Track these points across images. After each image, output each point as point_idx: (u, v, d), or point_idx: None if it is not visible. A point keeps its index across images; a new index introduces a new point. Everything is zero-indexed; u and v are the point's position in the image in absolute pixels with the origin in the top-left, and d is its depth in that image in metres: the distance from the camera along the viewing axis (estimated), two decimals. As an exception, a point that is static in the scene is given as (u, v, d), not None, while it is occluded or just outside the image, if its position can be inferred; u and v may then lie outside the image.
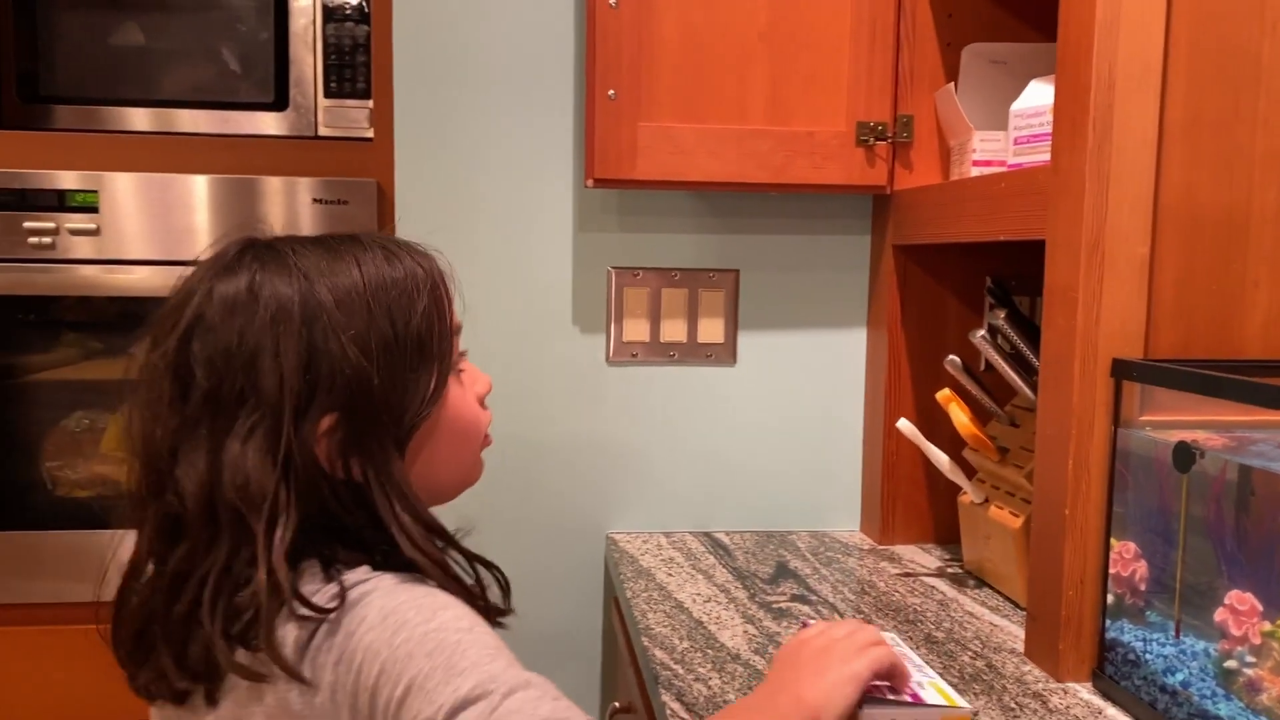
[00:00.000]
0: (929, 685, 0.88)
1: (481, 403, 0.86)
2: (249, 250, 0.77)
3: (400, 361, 0.75)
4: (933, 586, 1.34)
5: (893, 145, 1.44)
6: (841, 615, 1.23)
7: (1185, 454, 0.93)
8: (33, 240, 1.66)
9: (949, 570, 1.40)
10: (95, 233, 1.68)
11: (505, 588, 0.83)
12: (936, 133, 1.47)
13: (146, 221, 1.69)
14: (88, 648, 1.67)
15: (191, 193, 1.69)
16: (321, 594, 0.70)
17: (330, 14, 1.86)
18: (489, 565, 0.83)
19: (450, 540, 0.80)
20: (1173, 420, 1.00)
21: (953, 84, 1.40)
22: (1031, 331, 1.23)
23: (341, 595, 0.70)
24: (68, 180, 1.67)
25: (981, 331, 1.26)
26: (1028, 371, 1.25)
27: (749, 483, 1.58)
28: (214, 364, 0.72)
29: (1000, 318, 1.25)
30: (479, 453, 0.86)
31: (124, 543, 0.78)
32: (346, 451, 0.74)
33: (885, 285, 1.51)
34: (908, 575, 1.38)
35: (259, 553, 0.69)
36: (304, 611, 0.69)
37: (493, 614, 0.79)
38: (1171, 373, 0.95)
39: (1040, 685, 1.04)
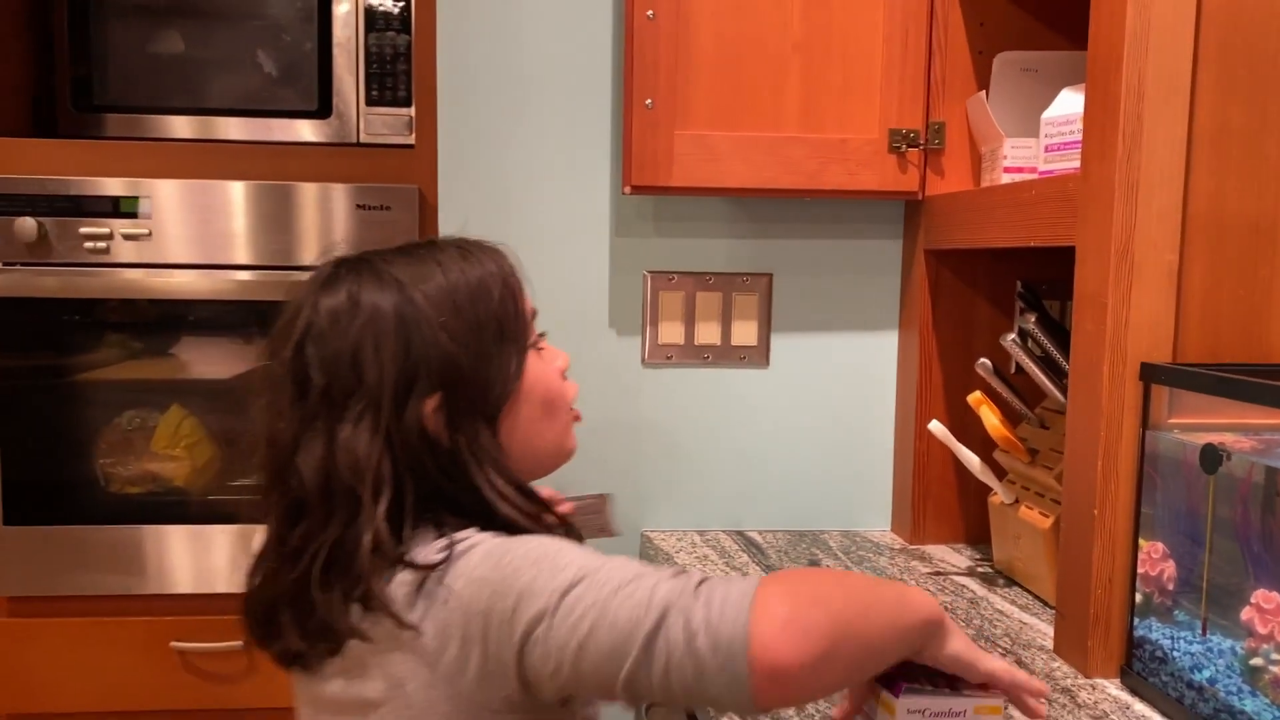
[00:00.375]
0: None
1: (563, 376, 0.93)
2: (343, 266, 0.86)
3: (485, 344, 0.84)
4: (963, 585, 1.36)
5: (924, 152, 1.47)
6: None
7: (1212, 456, 0.95)
8: (88, 245, 1.71)
9: (979, 569, 1.42)
10: (147, 237, 1.73)
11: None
12: (968, 139, 1.49)
13: (192, 227, 1.74)
14: (138, 638, 1.74)
15: (238, 199, 1.74)
16: (430, 549, 0.77)
17: (372, 24, 1.90)
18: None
19: (544, 504, 0.86)
20: (1201, 423, 1.02)
21: (984, 91, 1.42)
22: (1061, 335, 1.25)
23: (449, 548, 0.77)
24: (121, 187, 1.73)
25: (1012, 335, 1.29)
26: (1058, 374, 1.27)
27: (782, 482, 1.61)
28: (326, 365, 0.81)
29: (1030, 321, 1.28)
30: (568, 423, 0.93)
31: (257, 536, 0.87)
32: (449, 426, 0.82)
33: (917, 289, 1.53)
34: (938, 574, 1.41)
35: (364, 521, 0.77)
36: (416, 563, 0.76)
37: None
38: (1197, 376, 0.97)
39: (1069, 681, 1.06)
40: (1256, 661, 0.91)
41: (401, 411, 0.80)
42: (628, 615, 0.68)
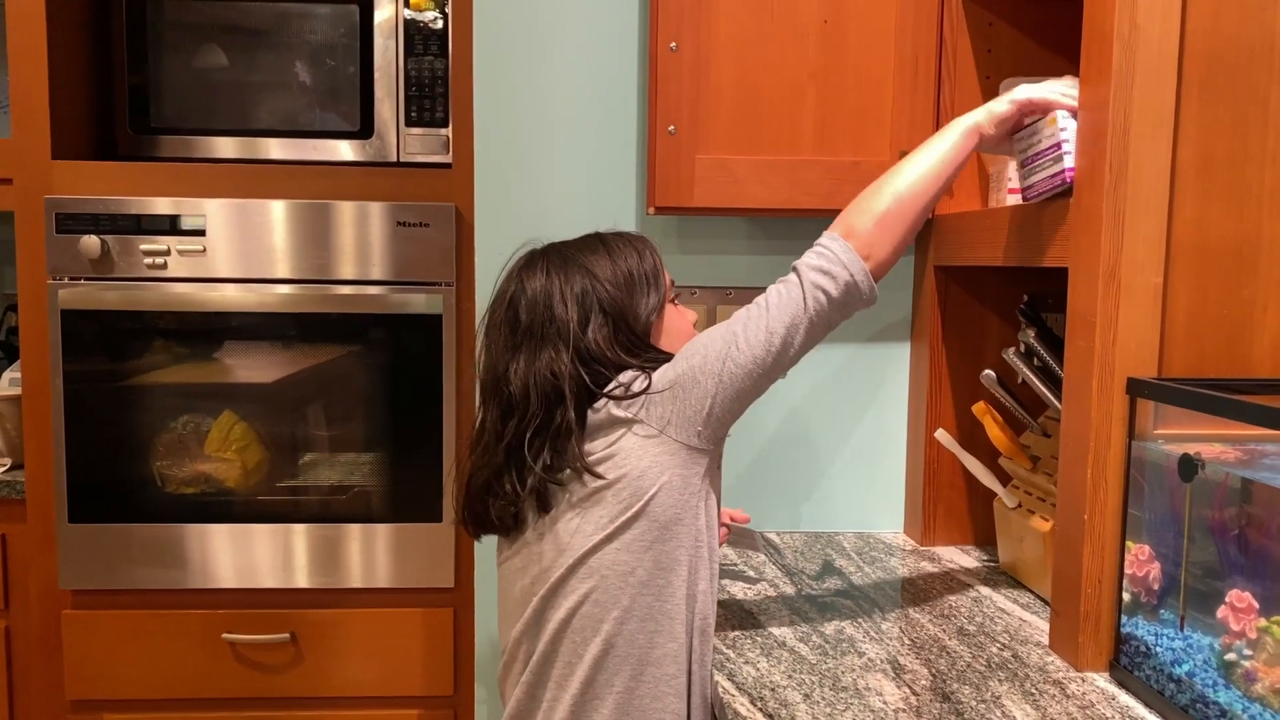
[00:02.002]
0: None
1: (693, 325, 1.28)
2: (537, 253, 1.23)
3: (637, 290, 1.20)
4: (969, 584, 1.44)
5: (934, 173, 1.54)
6: (882, 611, 1.34)
7: (1189, 465, 1.02)
8: (147, 261, 1.83)
9: (985, 570, 1.50)
10: (202, 253, 1.84)
11: None
12: (977, 161, 1.57)
13: (246, 243, 1.85)
14: (192, 630, 1.85)
15: (286, 217, 1.85)
16: (618, 383, 1.13)
17: (411, 48, 2.01)
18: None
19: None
20: (1185, 434, 1.09)
21: (990, 117, 1.49)
22: (1060, 349, 1.32)
23: (633, 377, 1.13)
24: (177, 206, 1.84)
25: (1013, 349, 1.36)
26: (1057, 386, 1.35)
27: (799, 487, 1.69)
28: (529, 310, 1.17)
29: (1031, 336, 1.35)
30: None
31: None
32: (610, 346, 1.16)
33: (927, 303, 1.61)
34: (946, 574, 1.48)
35: (561, 410, 1.12)
36: (615, 395, 1.12)
37: None
38: (1177, 391, 1.05)
39: (1061, 674, 1.14)
40: (1230, 656, 0.98)
41: (586, 337, 1.15)
42: (775, 307, 1.14)
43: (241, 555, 1.90)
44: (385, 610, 1.91)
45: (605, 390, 1.13)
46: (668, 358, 1.16)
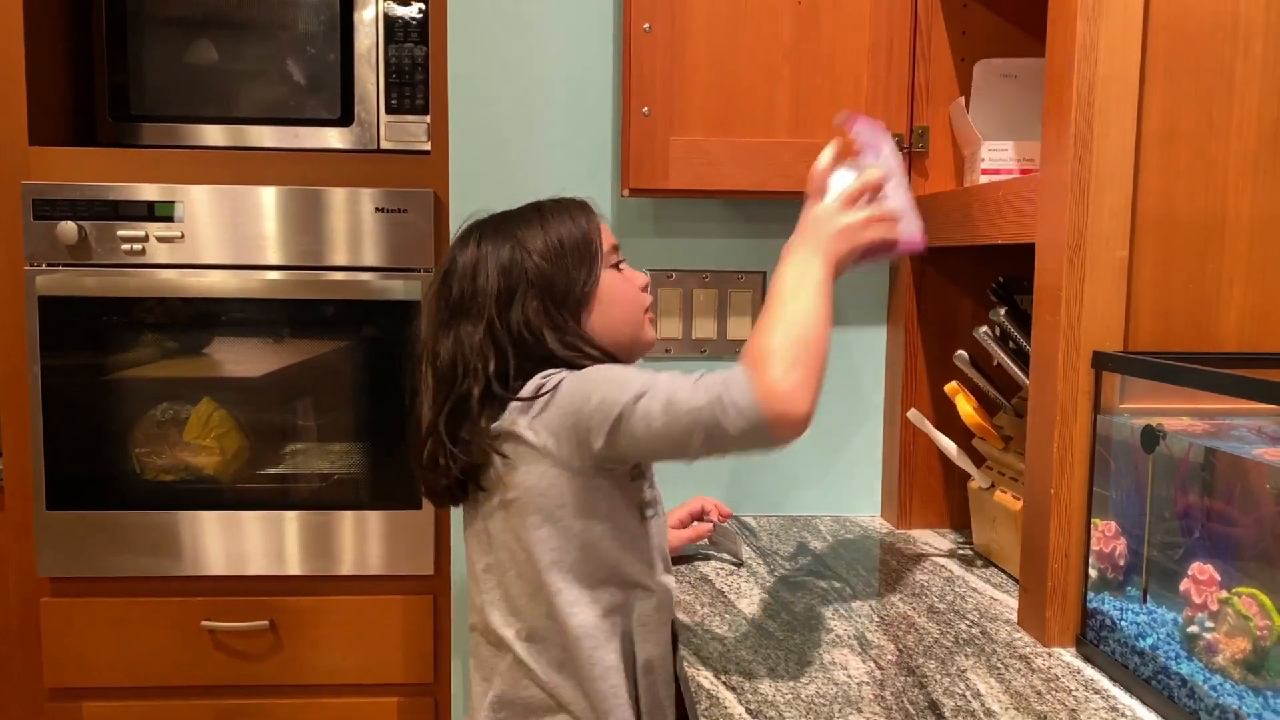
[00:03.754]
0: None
1: (644, 289, 1.23)
2: (475, 225, 1.20)
3: (568, 259, 1.14)
4: (942, 565, 1.44)
5: (909, 155, 1.54)
6: (853, 590, 1.33)
7: (1150, 436, 1.02)
8: (125, 247, 1.82)
9: (960, 552, 1.50)
10: (180, 240, 1.84)
11: None
12: (952, 143, 1.57)
13: (224, 229, 1.85)
14: (171, 617, 1.84)
15: (265, 203, 1.85)
16: (529, 387, 1.08)
17: (392, 35, 2.01)
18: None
19: (613, 359, 1.13)
20: (1151, 408, 1.09)
21: (963, 98, 1.49)
22: (1030, 327, 1.32)
23: (543, 381, 1.07)
24: (155, 192, 1.83)
25: (984, 328, 1.36)
26: (1028, 364, 1.34)
27: (776, 470, 1.69)
28: (459, 282, 1.14)
29: (1001, 314, 1.35)
30: (643, 320, 1.21)
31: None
32: (537, 320, 1.12)
33: (903, 286, 1.61)
34: (920, 555, 1.48)
35: (474, 381, 1.09)
36: (521, 396, 1.08)
37: None
38: (1142, 363, 1.04)
39: (1028, 649, 1.13)
40: (1192, 629, 0.98)
41: (509, 314, 1.11)
42: (685, 410, 0.97)
43: (221, 543, 1.89)
44: (365, 598, 1.90)
45: (514, 390, 1.08)
46: (602, 356, 1.12)
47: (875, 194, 1.12)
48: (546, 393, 1.06)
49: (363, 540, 1.90)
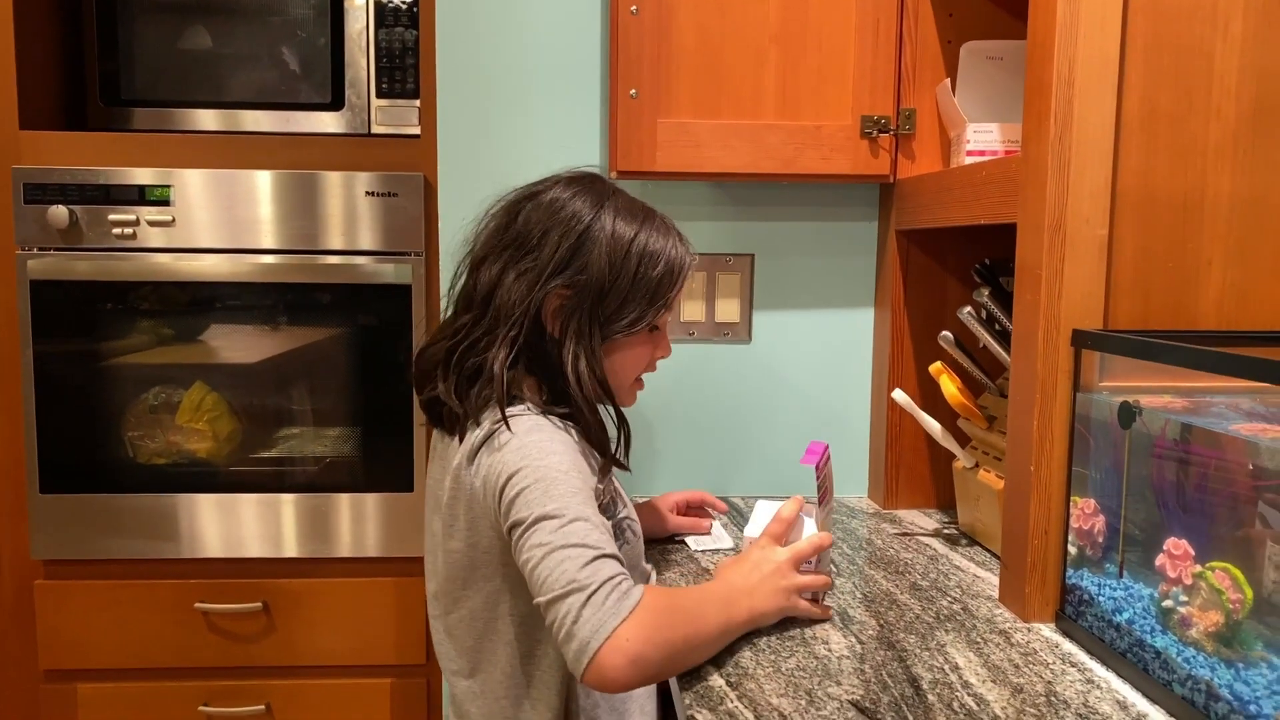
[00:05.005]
0: None
1: (652, 363, 1.20)
2: (588, 177, 1.17)
3: (629, 290, 1.10)
4: (926, 544, 1.45)
5: (895, 137, 1.55)
6: (837, 569, 1.34)
7: (1127, 412, 1.03)
8: (116, 231, 1.83)
9: (945, 531, 1.51)
10: (171, 224, 1.84)
11: (628, 444, 1.20)
12: (939, 125, 1.57)
13: (215, 213, 1.85)
14: (165, 600, 1.85)
15: (257, 187, 1.85)
16: (495, 413, 1.06)
17: (382, 19, 2.01)
18: (626, 427, 1.20)
19: (612, 398, 1.13)
20: (1130, 385, 1.10)
21: (949, 79, 1.50)
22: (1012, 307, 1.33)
23: (501, 420, 1.05)
24: (146, 176, 1.84)
25: (968, 308, 1.37)
26: (1011, 345, 1.35)
27: (764, 451, 1.70)
28: (528, 220, 1.10)
29: (985, 295, 1.36)
30: (631, 387, 1.19)
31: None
32: (567, 317, 1.08)
33: (889, 267, 1.62)
34: (905, 535, 1.49)
35: (498, 345, 1.07)
36: (482, 424, 1.06)
37: (616, 462, 1.14)
38: (1120, 340, 1.05)
39: (1008, 625, 1.15)
40: (1168, 604, 0.99)
41: (548, 287, 1.07)
42: (555, 574, 0.92)
43: (214, 525, 1.90)
44: (358, 580, 1.92)
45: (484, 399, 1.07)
46: (591, 398, 1.08)
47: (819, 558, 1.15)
48: (492, 447, 1.04)
49: (356, 523, 1.91)
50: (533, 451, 1.01)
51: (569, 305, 1.08)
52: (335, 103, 2.02)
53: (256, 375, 1.92)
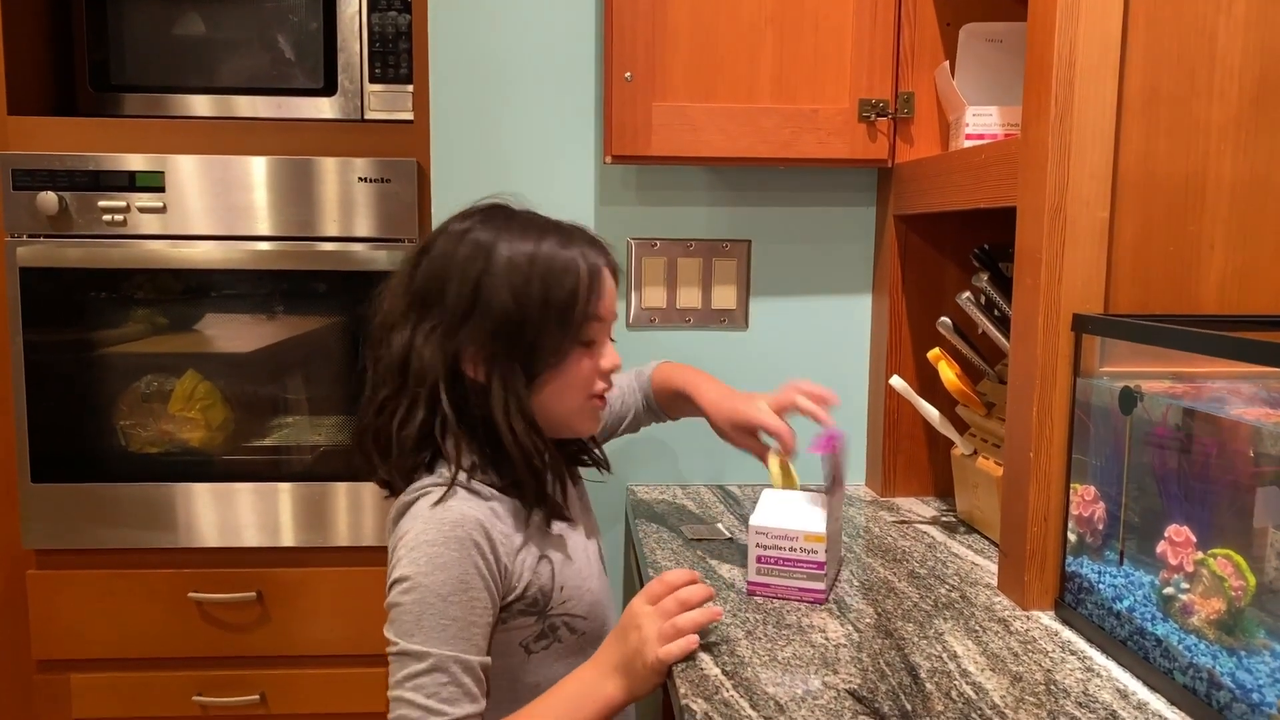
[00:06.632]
0: None
1: (606, 375, 1.09)
2: (480, 209, 1.07)
3: (540, 317, 1.00)
4: (925, 532, 1.44)
5: (893, 121, 1.53)
6: (835, 555, 1.33)
7: (1128, 397, 1.02)
8: (106, 218, 1.81)
9: (943, 519, 1.50)
10: (162, 210, 1.82)
11: (604, 465, 1.19)
12: (937, 108, 1.55)
13: (208, 200, 1.83)
14: (158, 590, 1.84)
15: (249, 173, 1.83)
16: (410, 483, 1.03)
17: (375, 4, 1.98)
18: (593, 455, 1.19)
19: (548, 446, 1.04)
20: (1131, 371, 1.08)
21: (948, 62, 1.48)
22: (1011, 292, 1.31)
23: (413, 498, 1.01)
24: (136, 162, 1.82)
25: (966, 294, 1.35)
26: (1010, 330, 1.34)
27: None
28: (426, 273, 1.03)
29: (984, 280, 1.34)
30: (585, 408, 1.09)
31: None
32: (487, 362, 1.01)
33: (887, 253, 1.60)
34: (903, 522, 1.48)
35: (416, 414, 1.01)
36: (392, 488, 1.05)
37: (552, 512, 1.06)
38: (1123, 325, 1.04)
39: (1006, 613, 1.13)
40: (1169, 591, 0.98)
41: (457, 339, 1.00)
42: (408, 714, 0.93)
43: (207, 514, 1.89)
44: (353, 569, 1.90)
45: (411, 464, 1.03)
46: (530, 449, 1.01)
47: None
48: (399, 525, 1.01)
49: (351, 512, 1.89)
50: (422, 561, 0.96)
51: (484, 353, 1.01)
52: (328, 88, 2.00)
53: (249, 363, 1.91)
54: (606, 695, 0.98)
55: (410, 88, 1.97)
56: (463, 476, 1.01)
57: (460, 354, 1.01)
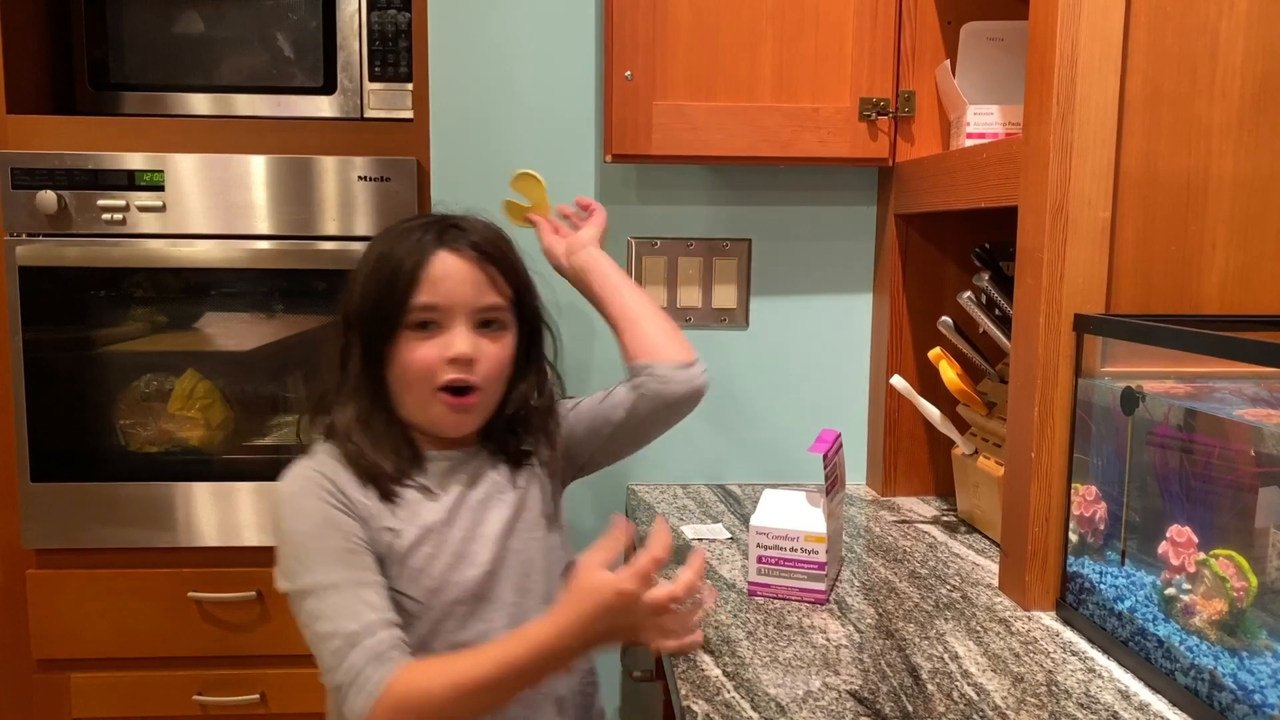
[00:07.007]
0: None
1: (454, 365, 1.04)
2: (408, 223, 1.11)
3: (375, 298, 1.05)
4: (925, 531, 1.43)
5: (894, 120, 1.53)
6: (836, 555, 1.33)
7: (1130, 398, 1.01)
8: (105, 217, 1.81)
9: (943, 519, 1.49)
10: (161, 209, 1.82)
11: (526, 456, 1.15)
12: (938, 107, 1.55)
13: (208, 199, 1.83)
14: (158, 589, 1.84)
15: (249, 172, 1.83)
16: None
17: (375, 2, 1.98)
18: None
19: (391, 435, 1.07)
20: (1132, 371, 1.08)
21: (949, 61, 1.48)
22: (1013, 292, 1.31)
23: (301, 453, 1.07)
24: (136, 161, 1.81)
25: (967, 293, 1.35)
26: (1012, 330, 1.33)
27: (760, 439, 1.68)
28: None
29: (985, 280, 1.34)
30: (429, 401, 1.06)
31: None
32: (344, 353, 1.08)
33: (888, 252, 1.60)
34: (903, 522, 1.48)
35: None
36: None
37: (385, 493, 1.05)
38: (1121, 325, 1.04)
39: (1008, 613, 1.13)
40: (1170, 591, 0.98)
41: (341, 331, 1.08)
42: (322, 663, 0.94)
43: (208, 514, 1.88)
44: (352, 568, 1.90)
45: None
46: (398, 445, 1.07)
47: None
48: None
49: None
50: (286, 514, 1.02)
51: (349, 338, 1.08)
52: (328, 86, 2.00)
53: (249, 362, 1.90)
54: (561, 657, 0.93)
55: (410, 86, 1.97)
56: (326, 446, 1.07)
57: (344, 345, 1.09)
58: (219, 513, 1.88)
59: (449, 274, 1.05)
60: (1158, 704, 0.93)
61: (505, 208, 1.34)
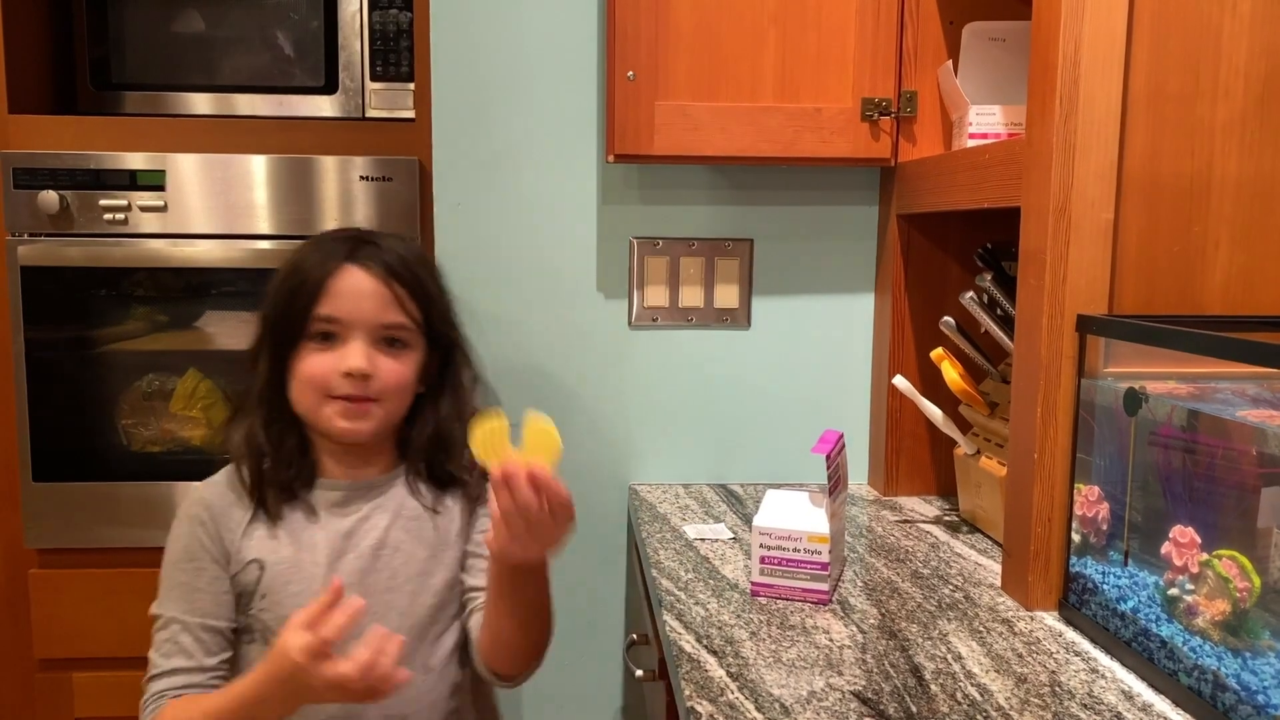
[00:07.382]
0: None
1: (347, 375, 1.07)
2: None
3: (282, 306, 1.09)
4: (927, 531, 1.43)
5: (896, 120, 1.52)
6: (838, 555, 1.33)
7: (1133, 398, 1.01)
8: (107, 216, 1.81)
9: (946, 518, 1.50)
10: (163, 209, 1.82)
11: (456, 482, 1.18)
12: (941, 108, 1.55)
13: (209, 198, 1.83)
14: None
15: (250, 172, 1.83)
16: None
17: (376, 1, 1.98)
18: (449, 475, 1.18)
19: (279, 442, 1.13)
20: (1135, 371, 1.08)
21: (951, 61, 1.48)
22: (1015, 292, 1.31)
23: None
24: (137, 161, 1.81)
25: (969, 293, 1.35)
26: (1014, 330, 1.33)
27: (762, 438, 1.68)
28: None
29: (988, 280, 1.34)
30: (324, 410, 1.09)
31: None
32: (256, 353, 1.13)
33: (890, 252, 1.60)
34: (906, 522, 1.48)
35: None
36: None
37: (262, 506, 1.12)
38: (1124, 325, 1.04)
39: (1010, 613, 1.13)
40: (1173, 592, 0.98)
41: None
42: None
43: (209, 514, 1.88)
44: (354, 568, 1.90)
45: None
46: (293, 449, 1.14)
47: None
48: None
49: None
50: (170, 539, 1.14)
51: (260, 345, 1.11)
52: (329, 86, 2.00)
53: (247, 362, 1.90)
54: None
55: (411, 85, 1.97)
56: (229, 467, 1.15)
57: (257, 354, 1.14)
58: (221, 512, 1.88)
59: (354, 289, 1.07)
60: (1161, 705, 0.94)
61: (486, 434, 0.97)
